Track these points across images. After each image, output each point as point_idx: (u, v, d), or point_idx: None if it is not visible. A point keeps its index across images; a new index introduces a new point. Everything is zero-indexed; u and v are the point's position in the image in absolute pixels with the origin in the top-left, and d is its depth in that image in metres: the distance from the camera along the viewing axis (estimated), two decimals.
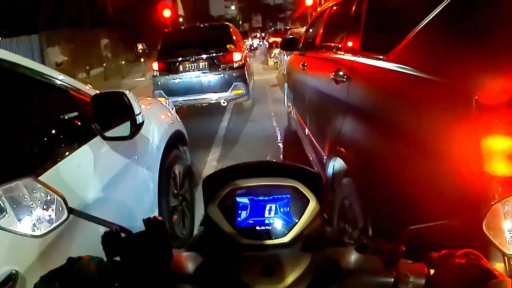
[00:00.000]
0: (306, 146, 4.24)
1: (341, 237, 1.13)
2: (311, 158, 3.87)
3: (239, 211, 1.00)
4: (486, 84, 1.25)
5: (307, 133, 4.01)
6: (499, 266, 1.17)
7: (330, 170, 2.70)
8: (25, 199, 0.84)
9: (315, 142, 3.53)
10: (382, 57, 1.97)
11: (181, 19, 29.04)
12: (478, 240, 0.74)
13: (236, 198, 1.02)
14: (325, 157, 2.89)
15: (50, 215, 0.86)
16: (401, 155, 1.71)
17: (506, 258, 1.15)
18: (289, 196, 1.01)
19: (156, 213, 2.47)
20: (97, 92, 2.09)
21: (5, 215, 0.83)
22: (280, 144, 6.24)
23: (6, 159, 1.53)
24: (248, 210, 1.00)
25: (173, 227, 2.90)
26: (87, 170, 1.92)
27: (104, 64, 21.79)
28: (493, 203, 0.72)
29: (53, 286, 0.76)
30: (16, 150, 1.66)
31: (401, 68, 1.74)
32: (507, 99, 1.18)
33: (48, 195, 0.86)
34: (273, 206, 1.00)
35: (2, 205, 0.83)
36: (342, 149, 2.38)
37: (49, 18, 19.70)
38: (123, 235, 0.85)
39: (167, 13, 25.19)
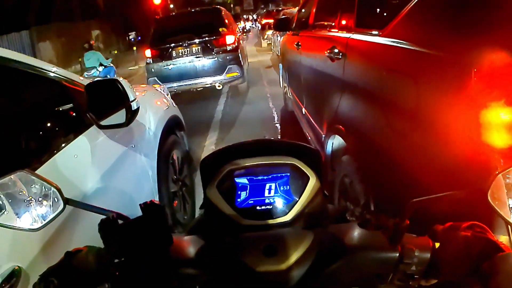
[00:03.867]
0: (303, 125, 4.23)
1: (343, 214, 1.11)
2: (309, 137, 3.86)
3: (239, 192, 0.98)
4: (484, 55, 1.23)
5: (304, 113, 3.99)
6: (503, 239, 1.17)
7: (329, 149, 2.69)
8: (22, 194, 0.83)
9: (312, 121, 3.52)
10: (377, 32, 1.95)
11: (172, 5, 28.71)
12: (482, 212, 0.73)
13: (235, 178, 0.99)
14: (323, 135, 2.88)
15: (47, 207, 0.84)
16: (401, 130, 1.70)
17: (510, 229, 1.14)
18: (288, 174, 0.99)
19: (156, 199, 2.46)
20: (90, 81, 2.07)
21: (4, 212, 0.82)
22: (278, 125, 6.23)
23: (2, 154, 1.52)
24: (247, 191, 0.99)
25: (174, 212, 2.89)
26: (84, 160, 1.90)
27: None
28: (497, 172, 0.70)
29: (52, 284, 0.74)
30: (12, 145, 1.64)
31: (397, 43, 1.72)
32: (505, 70, 1.17)
33: (43, 187, 0.84)
34: (273, 185, 0.98)
35: (1, 202, 0.81)
36: (340, 126, 2.36)
37: (38, 13, 19.46)
38: (120, 221, 0.83)
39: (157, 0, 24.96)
